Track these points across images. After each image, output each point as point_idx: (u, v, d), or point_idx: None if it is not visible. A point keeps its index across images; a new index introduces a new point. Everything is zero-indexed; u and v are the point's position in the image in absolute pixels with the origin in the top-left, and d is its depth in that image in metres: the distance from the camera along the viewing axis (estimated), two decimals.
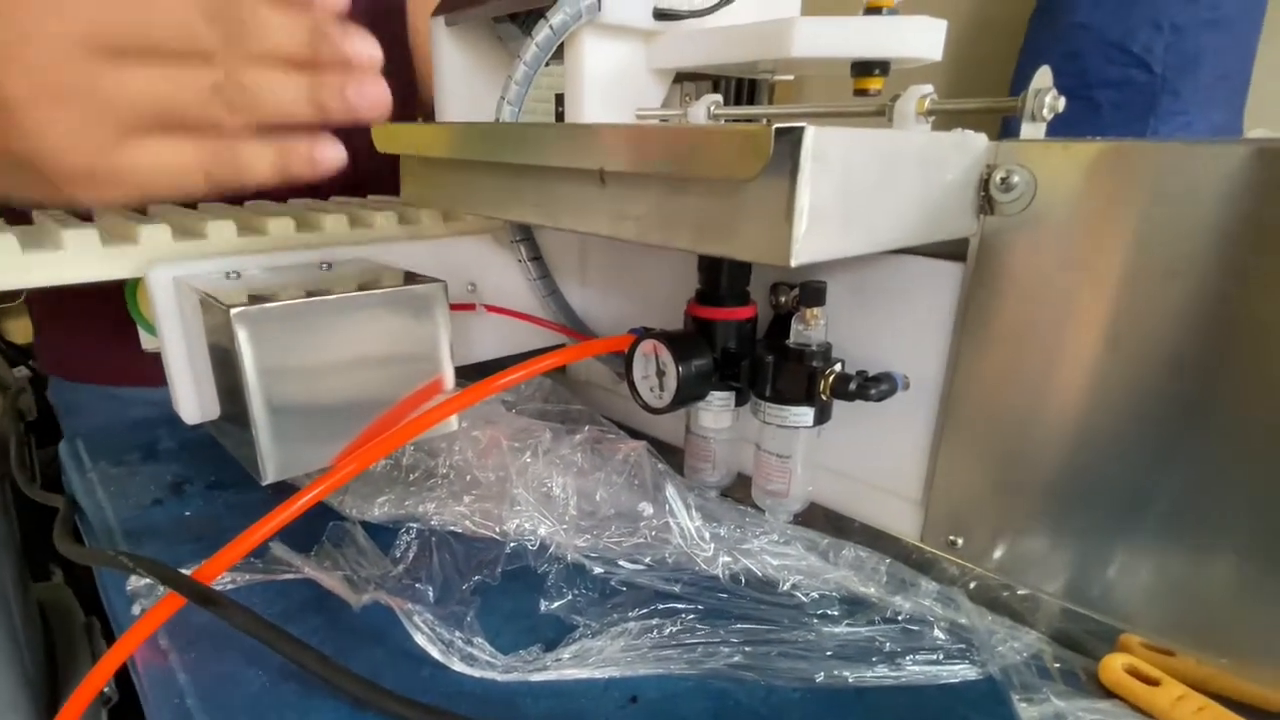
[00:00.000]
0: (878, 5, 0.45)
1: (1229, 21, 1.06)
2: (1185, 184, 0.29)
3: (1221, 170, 0.28)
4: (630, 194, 0.30)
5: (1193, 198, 0.28)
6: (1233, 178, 0.27)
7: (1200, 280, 0.29)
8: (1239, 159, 0.27)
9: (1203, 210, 0.28)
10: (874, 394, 0.37)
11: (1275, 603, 0.30)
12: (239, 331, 0.33)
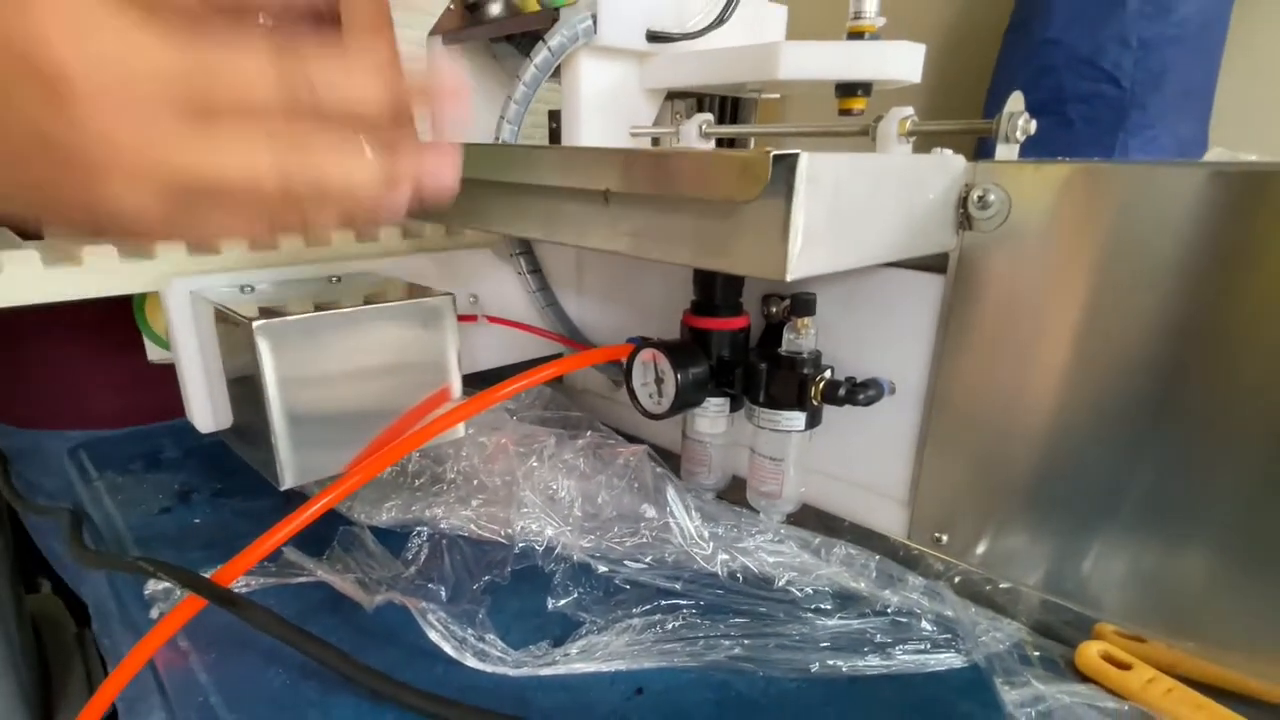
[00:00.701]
0: (860, 30, 0.47)
1: (1192, 37, 1.10)
2: (1148, 203, 0.31)
3: (1181, 191, 0.30)
4: (633, 212, 0.32)
5: (1155, 216, 0.31)
6: (1192, 198, 0.30)
7: (1163, 293, 0.31)
8: (1197, 181, 0.30)
9: (1164, 227, 0.31)
10: (862, 399, 0.39)
11: (1237, 591, 0.33)
12: (260, 344, 0.35)
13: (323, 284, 0.44)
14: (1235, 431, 0.31)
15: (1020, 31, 1.25)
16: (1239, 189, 0.29)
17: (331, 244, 0.48)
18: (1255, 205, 0.29)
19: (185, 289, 0.41)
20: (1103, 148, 1.15)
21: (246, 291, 0.41)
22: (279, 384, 0.35)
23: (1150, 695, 0.33)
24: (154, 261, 0.41)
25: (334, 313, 0.37)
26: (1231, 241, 0.30)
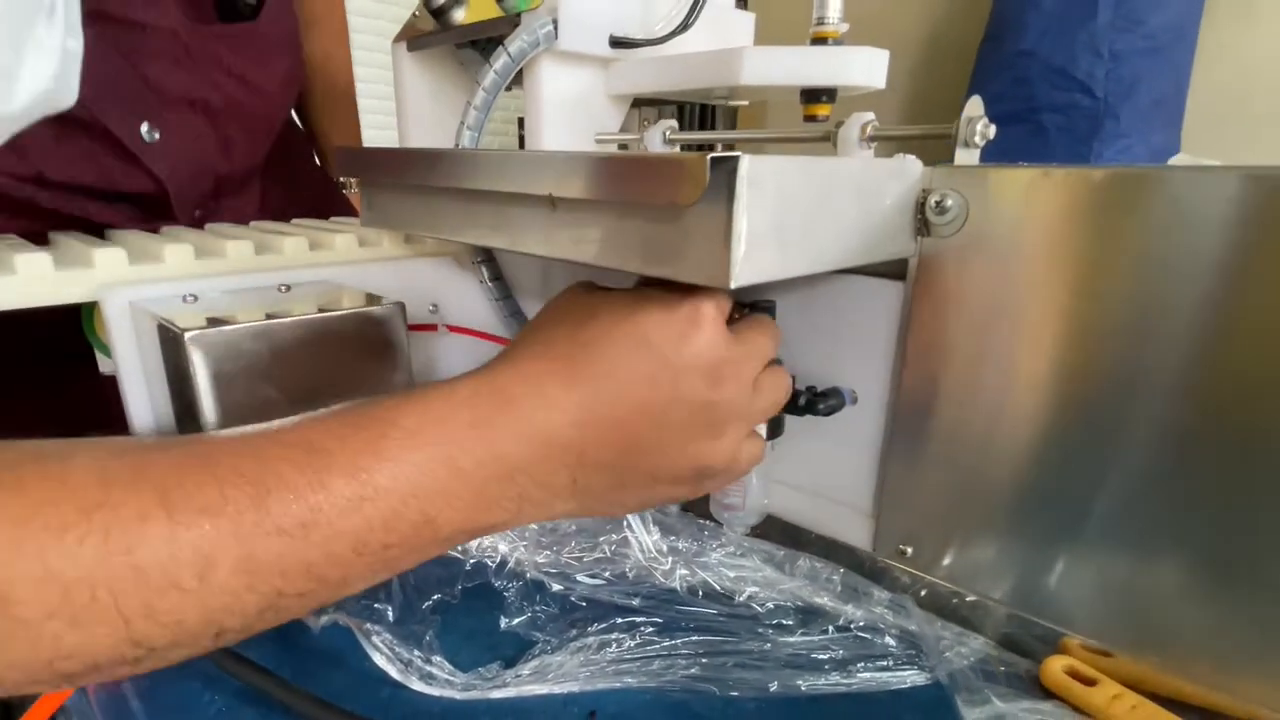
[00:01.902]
0: (823, 36, 0.47)
1: (1163, 49, 1.12)
2: (1101, 209, 0.30)
3: (1132, 197, 0.30)
4: (580, 218, 0.31)
5: (1108, 221, 0.30)
6: (1142, 204, 0.29)
7: (1125, 299, 0.30)
8: (1147, 185, 0.29)
9: (1116, 233, 0.30)
10: (822, 409, 0.38)
11: (1203, 605, 0.32)
12: (193, 355, 0.33)
13: (271, 293, 0.42)
14: (1203, 445, 0.31)
15: (995, 42, 1.26)
16: (1195, 193, 0.28)
17: (284, 252, 0.47)
18: (1213, 209, 0.28)
19: (124, 298, 0.39)
20: (1077, 156, 1.15)
21: (189, 301, 0.40)
22: (214, 397, 0.34)
23: (1115, 711, 0.32)
24: (93, 271, 0.39)
25: (271, 322, 0.35)
26: (1190, 247, 0.29)
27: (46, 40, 0.31)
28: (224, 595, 0.22)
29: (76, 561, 0.20)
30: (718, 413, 0.30)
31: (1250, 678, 0.31)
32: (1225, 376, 0.29)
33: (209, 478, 0.23)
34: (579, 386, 0.29)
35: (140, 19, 0.49)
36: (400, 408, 0.27)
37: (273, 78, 0.61)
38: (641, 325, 0.29)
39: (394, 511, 0.25)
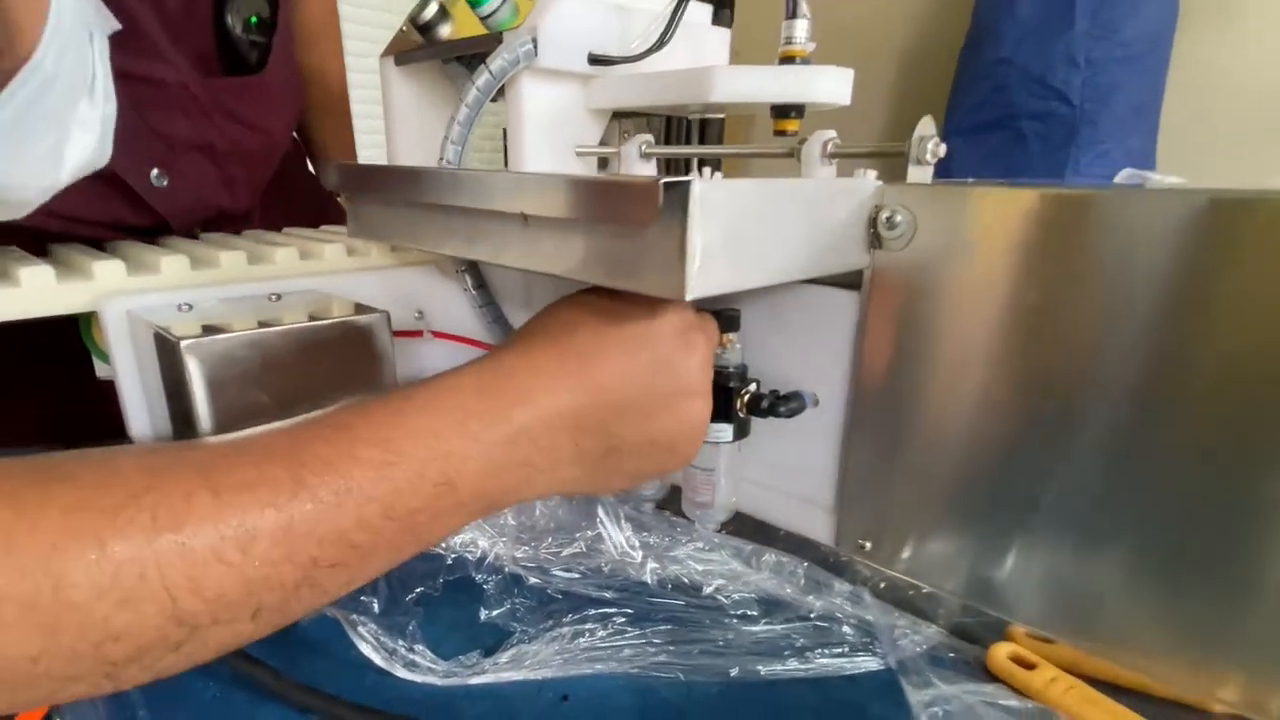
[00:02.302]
0: (791, 55, 0.49)
1: (1138, 57, 1.14)
2: (1038, 225, 0.33)
3: (1069, 214, 0.32)
4: (550, 234, 0.33)
5: (1045, 237, 0.33)
6: (1078, 222, 0.32)
7: (1052, 310, 0.33)
8: (1082, 204, 0.31)
9: (1049, 248, 0.32)
10: (784, 411, 0.40)
11: (1133, 598, 0.34)
12: (189, 362, 0.35)
13: (262, 302, 0.45)
14: (1139, 445, 0.33)
15: (975, 50, 1.28)
16: (1119, 213, 0.31)
17: (275, 261, 0.49)
18: (1136, 228, 0.30)
19: (122, 308, 0.41)
20: (1056, 163, 1.18)
21: (184, 310, 0.42)
22: (209, 402, 0.36)
23: (1051, 693, 0.35)
24: (93, 282, 0.41)
25: (262, 331, 0.38)
26: (1117, 262, 0.31)
27: (89, 114, 0.34)
28: (265, 567, 0.25)
29: (127, 541, 0.22)
30: (691, 377, 0.35)
31: (1175, 664, 0.33)
32: (1154, 384, 0.31)
33: (246, 458, 0.25)
34: (570, 359, 0.32)
35: (154, 75, 0.51)
36: (416, 387, 0.30)
37: (276, 122, 0.64)
38: (621, 305, 0.33)
39: (418, 474, 0.28)
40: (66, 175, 0.35)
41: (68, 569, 0.22)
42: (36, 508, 0.22)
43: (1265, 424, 0.29)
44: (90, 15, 0.34)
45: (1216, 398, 0.30)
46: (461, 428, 0.29)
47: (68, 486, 0.23)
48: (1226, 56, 1.25)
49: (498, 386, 0.30)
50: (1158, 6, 1.14)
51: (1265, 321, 0.28)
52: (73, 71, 0.33)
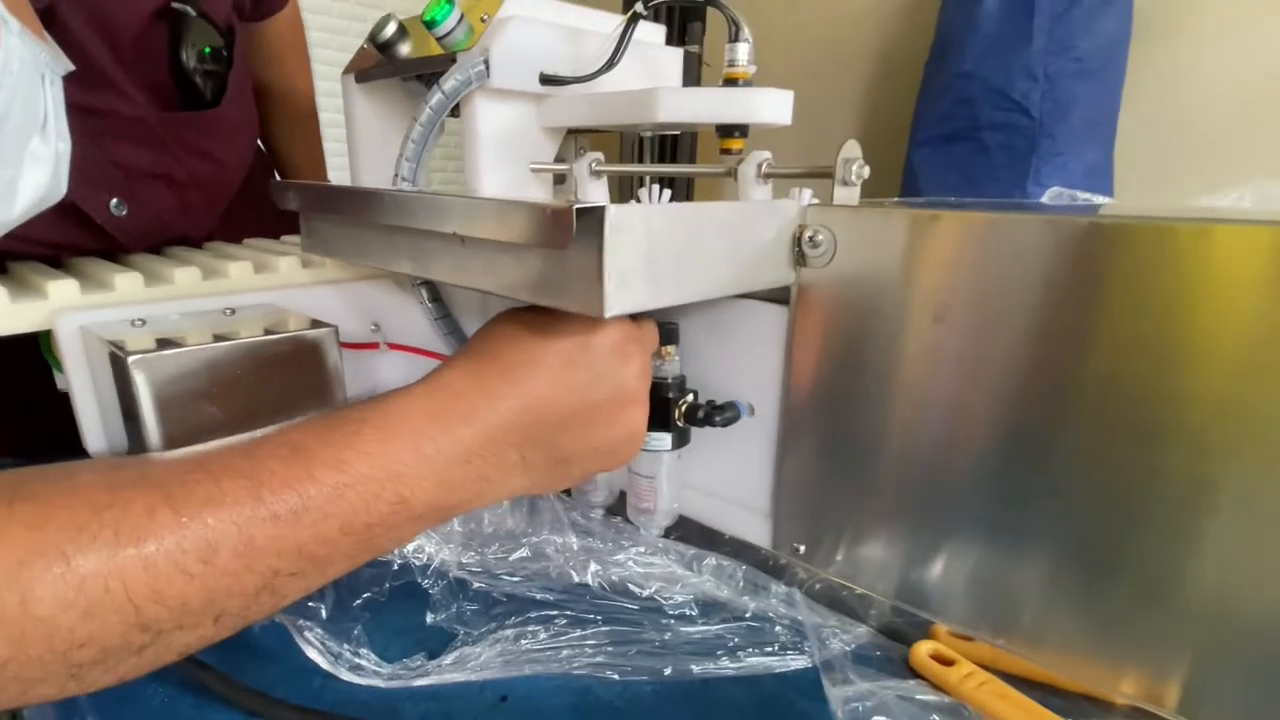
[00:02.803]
0: (734, 77, 0.51)
1: (1094, 72, 1.17)
2: (941, 244, 0.35)
3: (969, 235, 0.34)
4: (484, 254, 0.35)
5: (947, 256, 0.34)
6: (978, 242, 0.34)
7: (961, 325, 0.35)
8: (981, 226, 0.33)
9: (956, 266, 0.34)
10: (719, 420, 0.42)
11: (1046, 599, 0.36)
12: (137, 377, 0.37)
13: (216, 316, 0.46)
14: (1044, 456, 0.35)
15: (939, 63, 1.31)
16: (1007, 232, 0.33)
17: (230, 276, 0.50)
18: (1023, 246, 0.32)
19: (76, 324, 0.42)
20: (1018, 173, 1.21)
21: (138, 325, 0.43)
22: (157, 415, 0.37)
23: (965, 688, 0.37)
24: (46, 300, 0.43)
25: (211, 346, 0.39)
26: (1013, 279, 0.33)
27: (42, 150, 0.35)
28: (225, 577, 0.26)
29: (91, 556, 0.23)
30: (628, 387, 0.36)
31: (1082, 660, 0.35)
32: (1049, 399, 0.33)
33: (206, 476, 0.27)
34: (514, 377, 0.34)
35: (110, 108, 0.52)
36: (367, 410, 0.31)
37: (233, 153, 0.66)
38: (559, 322, 0.35)
39: (373, 494, 0.29)
40: (20, 211, 0.36)
41: (34, 584, 0.23)
42: (1, 525, 0.23)
43: (1149, 441, 0.31)
44: (42, 58, 0.35)
45: (1105, 415, 0.32)
46: (414, 449, 0.30)
47: (31, 505, 0.24)
48: (1179, 72, 1.29)
49: (446, 407, 0.32)
50: (1112, 23, 1.17)
51: (1145, 340, 0.30)
52: (24, 112, 0.34)
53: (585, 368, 0.35)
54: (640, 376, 0.37)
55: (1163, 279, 0.29)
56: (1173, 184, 1.34)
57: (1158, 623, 0.33)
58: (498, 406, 0.33)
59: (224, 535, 0.26)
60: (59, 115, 0.37)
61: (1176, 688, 0.33)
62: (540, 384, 0.34)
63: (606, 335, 0.35)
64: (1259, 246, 0.27)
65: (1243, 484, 0.29)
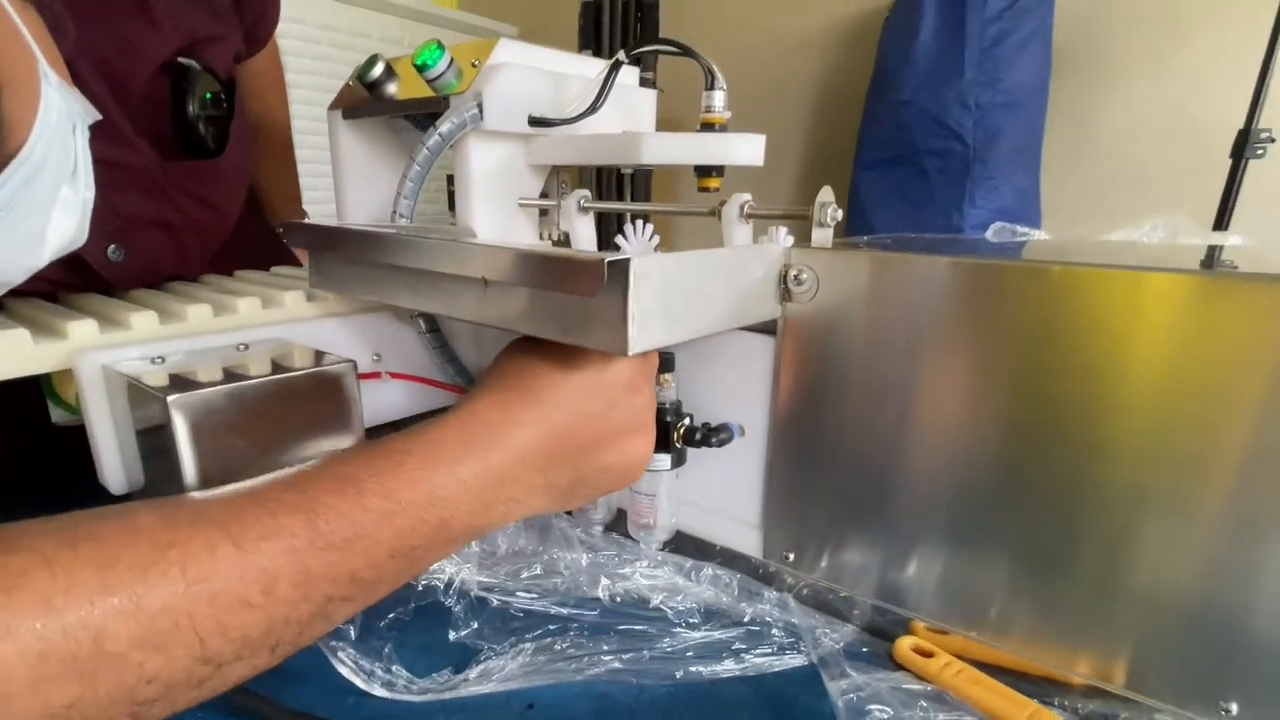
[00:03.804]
0: (711, 122, 0.55)
1: (1020, 104, 1.27)
2: (908, 283, 0.39)
3: (932, 275, 0.39)
4: (508, 296, 0.38)
5: (914, 293, 0.39)
6: (939, 281, 0.38)
7: (927, 354, 0.39)
8: (943, 268, 0.38)
9: (922, 302, 0.39)
10: (714, 441, 0.46)
11: (1012, 594, 0.41)
12: (176, 417, 0.38)
13: (230, 352, 0.48)
14: (1011, 468, 0.39)
15: (880, 92, 1.39)
16: (972, 277, 0.37)
17: (239, 311, 0.52)
18: (981, 290, 0.37)
19: (97, 362, 0.44)
20: (954, 195, 1.29)
21: (158, 363, 0.45)
22: (193, 452, 0.39)
23: (944, 676, 0.41)
24: (67, 341, 0.44)
25: (243, 384, 0.41)
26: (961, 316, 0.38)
27: (71, 198, 0.37)
28: (284, 606, 0.28)
29: (159, 594, 0.25)
30: (637, 415, 0.40)
31: (1042, 646, 0.40)
32: (1013, 419, 0.38)
33: (262, 511, 0.29)
34: (539, 406, 0.37)
35: (119, 159, 0.54)
36: (409, 440, 0.34)
37: (230, 198, 0.67)
38: (577, 355, 0.38)
39: (419, 519, 0.32)
40: (47, 256, 0.38)
41: (106, 623, 0.24)
42: (70, 568, 0.24)
43: (1092, 456, 0.36)
44: (75, 109, 0.37)
45: (1053, 434, 0.37)
46: (454, 476, 0.33)
47: (96, 546, 0.25)
48: (1095, 106, 1.40)
49: (479, 435, 0.35)
50: (1034, 59, 1.27)
51: (1085, 369, 0.35)
52: (58, 160, 0.36)
53: (603, 398, 0.38)
54: (649, 407, 0.41)
55: (1093, 316, 0.34)
56: (1095, 207, 1.45)
57: (1104, 612, 0.38)
58: (526, 434, 0.36)
59: (283, 566, 0.28)
60: (86, 164, 0.39)
61: (1123, 666, 0.38)
62: (563, 413, 0.37)
63: (622, 369, 0.39)
64: (1165, 291, 0.32)
65: (1170, 490, 0.34)
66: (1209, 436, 0.33)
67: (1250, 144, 1.03)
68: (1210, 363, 0.32)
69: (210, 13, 0.63)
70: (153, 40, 0.56)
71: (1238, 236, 0.57)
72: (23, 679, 0.22)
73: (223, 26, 0.65)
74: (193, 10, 0.61)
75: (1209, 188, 1.14)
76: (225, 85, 0.63)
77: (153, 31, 0.56)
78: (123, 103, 0.54)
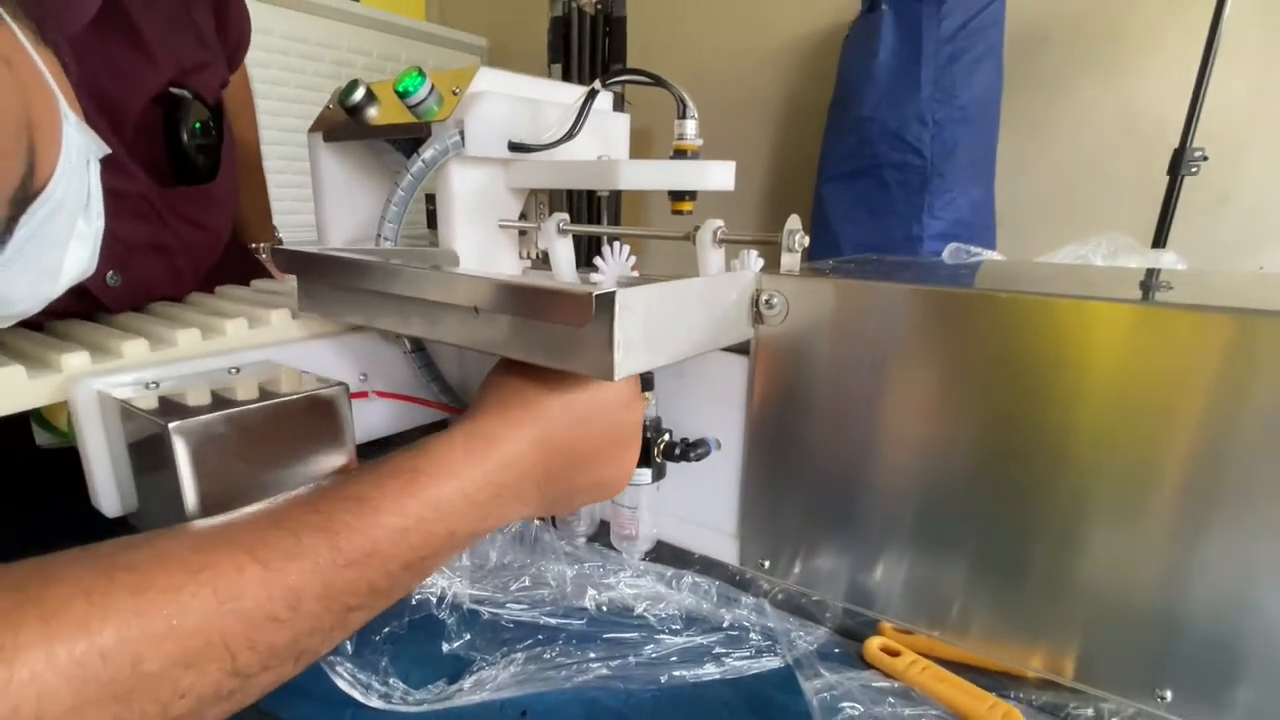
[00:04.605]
0: (683, 149, 0.58)
1: (974, 119, 1.32)
2: (871, 308, 0.42)
3: (892, 301, 0.42)
4: (499, 323, 0.40)
5: (877, 317, 0.42)
6: (897, 307, 0.41)
7: (892, 373, 0.42)
8: (898, 296, 0.41)
9: (884, 326, 0.42)
10: (693, 456, 0.48)
11: (971, 595, 0.44)
12: (177, 444, 0.40)
13: (222, 375, 0.49)
14: (969, 478, 0.42)
15: (842, 107, 1.44)
16: (928, 303, 0.41)
17: (227, 334, 0.53)
18: (937, 315, 0.40)
19: (92, 389, 0.45)
20: (913, 207, 1.34)
21: (151, 388, 0.46)
22: (195, 479, 0.41)
23: (910, 674, 0.44)
24: (61, 373, 0.45)
25: (241, 409, 0.42)
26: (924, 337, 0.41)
27: (85, 230, 0.38)
28: (309, 619, 0.30)
29: (192, 614, 0.27)
30: (629, 433, 0.44)
31: (999, 643, 0.43)
32: (970, 433, 0.41)
33: (285, 532, 0.31)
34: (539, 422, 0.40)
35: (117, 188, 0.55)
36: (417, 458, 0.36)
37: (222, 221, 0.69)
38: (570, 376, 0.41)
39: (429, 532, 0.34)
40: (62, 286, 0.39)
41: (143, 646, 0.26)
42: (105, 596, 0.26)
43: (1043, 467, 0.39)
44: (89, 144, 0.38)
45: (1007, 446, 0.40)
46: (460, 491, 0.36)
47: (129, 573, 0.27)
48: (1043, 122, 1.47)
49: (483, 451, 0.38)
50: (987, 76, 1.33)
51: (1035, 387, 0.38)
52: (76, 195, 0.37)
53: (599, 415, 0.41)
54: (637, 424, 0.44)
55: (1038, 340, 0.38)
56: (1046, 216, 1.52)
57: (1055, 611, 0.41)
58: (526, 449, 0.39)
59: (308, 583, 0.30)
60: (98, 196, 0.40)
61: (1072, 660, 0.41)
62: (560, 430, 0.40)
63: (613, 391, 0.41)
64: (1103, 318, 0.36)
65: (1113, 500, 0.37)
66: (1147, 451, 0.36)
67: (1185, 161, 1.09)
68: (1147, 384, 0.35)
69: (198, 41, 0.64)
70: (147, 72, 0.57)
71: (1173, 255, 0.61)
72: (65, 703, 0.24)
73: (209, 54, 0.66)
74: (182, 40, 0.62)
75: (1150, 198, 1.21)
76: (213, 111, 0.64)
77: (147, 63, 0.57)
78: (119, 133, 0.55)
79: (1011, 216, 1.47)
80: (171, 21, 0.62)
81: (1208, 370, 0.34)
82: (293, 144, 1.68)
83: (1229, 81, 1.21)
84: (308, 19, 1.92)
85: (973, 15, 1.29)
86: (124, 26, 0.57)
